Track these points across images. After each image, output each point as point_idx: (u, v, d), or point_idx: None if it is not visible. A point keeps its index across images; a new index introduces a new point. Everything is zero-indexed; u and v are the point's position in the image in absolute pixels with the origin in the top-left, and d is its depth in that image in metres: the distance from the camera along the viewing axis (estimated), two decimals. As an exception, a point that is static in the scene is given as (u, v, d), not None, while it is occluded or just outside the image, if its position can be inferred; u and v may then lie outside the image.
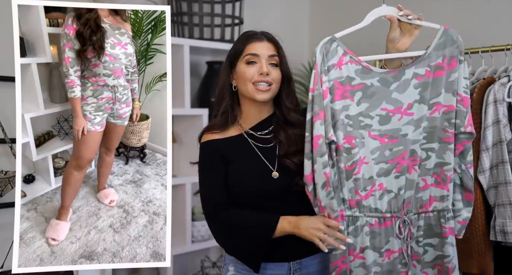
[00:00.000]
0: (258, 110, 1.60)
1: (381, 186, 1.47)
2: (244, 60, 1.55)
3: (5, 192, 1.98)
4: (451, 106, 1.44)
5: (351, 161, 1.46)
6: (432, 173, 1.47)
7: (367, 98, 1.46)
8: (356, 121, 1.46)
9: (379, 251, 1.48)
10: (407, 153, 1.46)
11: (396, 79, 1.45)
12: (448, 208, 1.47)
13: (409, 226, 1.47)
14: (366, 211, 1.48)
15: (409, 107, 1.45)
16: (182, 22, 2.82)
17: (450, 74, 1.43)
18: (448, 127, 1.45)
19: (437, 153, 1.46)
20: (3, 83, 2.13)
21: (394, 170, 1.47)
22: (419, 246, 1.49)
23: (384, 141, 1.46)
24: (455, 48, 1.43)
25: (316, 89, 1.45)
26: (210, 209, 1.55)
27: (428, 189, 1.47)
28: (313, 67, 1.48)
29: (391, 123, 1.46)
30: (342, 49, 1.46)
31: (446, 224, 1.46)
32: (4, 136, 2.03)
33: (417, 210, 1.48)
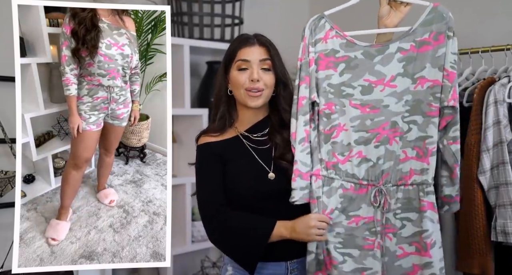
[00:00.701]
0: (254, 114, 1.62)
1: (360, 154, 1.52)
2: (235, 67, 1.56)
3: (5, 192, 1.98)
4: (437, 81, 1.46)
5: (330, 125, 1.53)
6: (413, 145, 1.48)
7: (350, 70, 1.52)
8: (337, 90, 1.53)
9: (347, 214, 1.52)
10: (388, 123, 1.50)
11: (380, 52, 1.50)
12: (427, 182, 1.47)
13: (385, 196, 1.48)
14: (342, 175, 1.53)
15: (392, 79, 1.49)
16: (182, 22, 2.82)
17: (438, 50, 1.45)
18: (433, 101, 1.46)
19: (420, 126, 1.48)
20: (3, 83, 2.13)
21: (374, 139, 1.51)
22: (396, 219, 1.49)
23: (366, 111, 1.51)
24: (443, 24, 1.45)
25: (304, 59, 1.54)
26: (207, 211, 1.55)
27: (409, 161, 1.49)
28: (301, 40, 1.56)
29: (373, 94, 1.50)
30: (329, 25, 1.55)
31: (425, 198, 1.46)
32: (4, 137, 2.03)
33: (396, 181, 1.49)
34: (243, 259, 1.51)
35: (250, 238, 1.49)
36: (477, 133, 1.92)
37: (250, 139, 1.60)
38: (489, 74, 2.08)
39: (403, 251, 1.48)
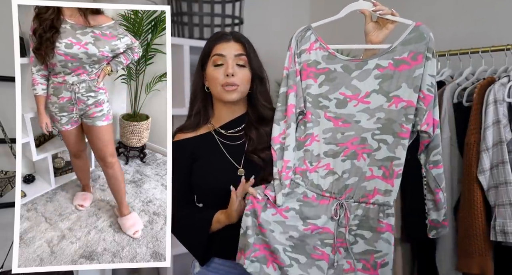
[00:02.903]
0: (231, 111, 1.64)
1: (328, 166, 1.52)
2: (211, 62, 1.60)
3: (5, 192, 1.98)
4: (411, 102, 1.45)
5: (305, 133, 1.54)
6: (380, 164, 1.48)
7: (329, 82, 1.53)
8: (315, 100, 1.54)
9: (305, 220, 1.50)
10: (357, 139, 1.50)
11: (358, 67, 1.51)
12: (389, 204, 1.47)
13: (346, 210, 1.49)
14: (308, 183, 1.53)
15: (366, 95, 1.49)
16: (182, 22, 2.82)
17: (415, 70, 1.44)
18: (405, 122, 1.45)
19: (389, 146, 1.47)
20: (3, 83, 2.13)
21: (342, 153, 1.51)
22: (351, 234, 1.49)
23: (338, 124, 1.52)
24: (423, 45, 1.44)
25: (290, 68, 1.56)
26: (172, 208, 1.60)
27: (374, 180, 1.48)
28: (287, 50, 1.59)
29: (347, 108, 1.51)
30: (314, 37, 1.57)
31: (384, 219, 1.46)
32: (4, 137, 2.03)
33: (358, 198, 1.49)
34: (193, 252, 1.62)
35: (195, 229, 1.57)
36: (477, 132, 1.93)
37: (222, 135, 1.63)
38: (489, 74, 2.08)
39: (350, 266, 1.48)
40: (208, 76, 1.62)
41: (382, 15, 1.52)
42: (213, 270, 1.64)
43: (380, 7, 1.53)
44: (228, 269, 1.61)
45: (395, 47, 1.47)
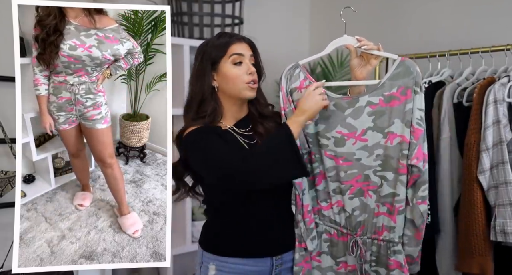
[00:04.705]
0: (239, 110, 1.64)
1: (339, 203, 1.55)
2: (230, 61, 1.57)
3: (5, 192, 1.98)
4: (404, 137, 1.45)
5: (313, 173, 1.57)
6: (384, 201, 1.49)
7: (324, 120, 1.54)
8: (314, 139, 1.56)
9: (336, 259, 1.56)
10: (361, 176, 1.51)
11: (351, 105, 1.51)
12: (394, 240, 1.48)
13: (361, 247, 1.51)
14: (326, 220, 1.57)
15: (363, 133, 1.50)
16: (182, 22, 2.82)
17: (405, 105, 1.44)
18: (401, 158, 1.45)
19: (390, 183, 1.48)
20: (3, 83, 2.14)
21: (349, 191, 1.53)
22: (372, 271, 1.53)
23: (340, 162, 1.53)
24: (410, 79, 1.44)
25: (287, 107, 1.57)
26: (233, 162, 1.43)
27: (381, 216, 1.50)
28: (279, 90, 1.61)
29: (346, 146, 1.52)
30: (303, 74, 1.58)
31: (392, 257, 1.48)
32: (4, 137, 2.03)
33: (371, 235, 1.52)
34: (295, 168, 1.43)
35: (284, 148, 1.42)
36: (477, 132, 1.92)
37: (238, 133, 1.62)
38: (489, 74, 2.08)
39: None
40: (226, 75, 1.57)
41: (367, 51, 1.51)
42: (231, 270, 1.57)
43: (364, 42, 1.52)
44: (246, 268, 1.57)
45: (383, 83, 1.47)
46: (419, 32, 2.71)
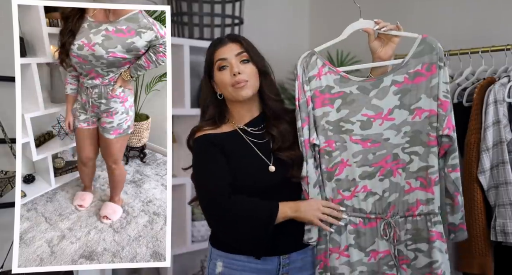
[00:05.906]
0: (249, 110, 1.64)
1: (365, 188, 1.54)
2: (216, 68, 1.60)
3: (5, 192, 1.98)
4: (433, 111, 1.48)
5: (332, 163, 1.56)
6: (417, 176, 1.51)
7: (347, 105, 1.54)
8: (336, 126, 1.55)
9: (365, 250, 1.54)
10: (390, 156, 1.52)
11: (375, 86, 1.53)
12: (434, 212, 1.49)
13: (394, 228, 1.51)
14: (349, 210, 1.55)
15: (389, 112, 1.51)
16: (182, 22, 2.82)
17: (431, 80, 1.48)
18: (431, 131, 1.48)
19: (421, 156, 1.50)
20: (3, 83, 2.13)
21: (378, 173, 1.53)
22: (409, 250, 1.51)
23: (367, 145, 1.53)
24: (434, 55, 1.48)
25: (301, 98, 1.57)
26: (212, 200, 1.53)
27: (414, 192, 1.51)
28: (295, 79, 1.59)
29: (373, 128, 1.53)
30: (321, 61, 1.57)
31: (433, 228, 1.48)
32: (4, 137, 2.03)
33: (404, 213, 1.52)
34: (251, 245, 1.53)
35: (258, 221, 1.50)
36: (477, 133, 1.92)
37: (248, 133, 1.62)
38: (489, 74, 2.08)
39: None
40: (217, 82, 1.60)
41: (387, 32, 1.53)
42: (238, 268, 1.59)
43: (383, 24, 1.54)
44: (253, 265, 1.57)
45: (407, 61, 1.50)
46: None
